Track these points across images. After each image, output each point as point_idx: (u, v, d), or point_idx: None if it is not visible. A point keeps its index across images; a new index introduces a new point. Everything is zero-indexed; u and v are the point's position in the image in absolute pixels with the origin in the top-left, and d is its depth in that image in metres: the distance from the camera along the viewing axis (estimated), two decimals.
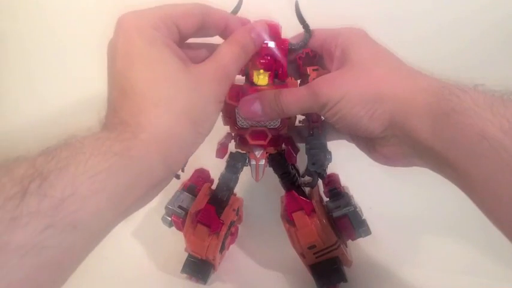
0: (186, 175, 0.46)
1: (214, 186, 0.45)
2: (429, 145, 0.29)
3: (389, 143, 0.32)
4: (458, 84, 0.29)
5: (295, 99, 0.33)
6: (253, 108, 0.34)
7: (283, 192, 0.44)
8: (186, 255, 0.44)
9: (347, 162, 0.47)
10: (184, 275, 0.45)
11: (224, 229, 0.42)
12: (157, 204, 0.54)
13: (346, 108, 0.31)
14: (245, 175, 0.44)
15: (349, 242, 0.44)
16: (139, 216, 0.55)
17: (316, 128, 0.40)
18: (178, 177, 0.42)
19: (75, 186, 0.21)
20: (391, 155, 0.33)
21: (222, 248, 0.45)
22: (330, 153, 0.40)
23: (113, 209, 0.23)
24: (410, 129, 0.30)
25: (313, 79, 0.38)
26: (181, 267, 0.44)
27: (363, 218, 0.41)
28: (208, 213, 0.42)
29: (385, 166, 0.36)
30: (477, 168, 0.27)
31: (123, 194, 0.24)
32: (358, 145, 0.37)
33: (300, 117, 0.42)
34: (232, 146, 0.42)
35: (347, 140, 0.40)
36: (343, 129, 0.34)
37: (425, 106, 0.29)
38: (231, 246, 0.51)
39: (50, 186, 0.20)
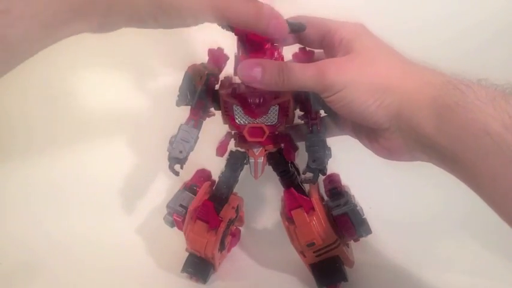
0: (187, 175, 0.47)
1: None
2: (434, 139, 0.29)
3: (393, 135, 0.32)
4: (462, 78, 0.29)
5: (300, 73, 0.32)
6: (253, 73, 0.33)
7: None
8: (186, 255, 0.44)
9: (347, 161, 0.47)
10: (185, 275, 0.44)
11: (223, 226, 0.42)
12: (160, 204, 0.55)
13: (353, 95, 0.31)
14: (246, 176, 0.44)
15: (351, 242, 0.43)
16: (141, 215, 0.56)
17: (315, 125, 0.40)
18: (177, 174, 0.42)
19: (10, 4, 0.21)
20: (395, 148, 0.32)
21: (222, 248, 0.45)
22: (329, 148, 0.40)
23: (44, 34, 0.24)
24: (415, 122, 0.30)
25: None
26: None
27: (364, 217, 0.40)
28: (206, 208, 0.42)
29: (385, 165, 0.36)
30: (482, 164, 0.26)
31: (54, 22, 0.24)
32: (360, 138, 0.37)
33: (298, 113, 0.42)
34: (232, 145, 0.43)
35: (348, 135, 0.39)
36: (347, 117, 0.34)
37: (430, 100, 0.29)
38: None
39: None
